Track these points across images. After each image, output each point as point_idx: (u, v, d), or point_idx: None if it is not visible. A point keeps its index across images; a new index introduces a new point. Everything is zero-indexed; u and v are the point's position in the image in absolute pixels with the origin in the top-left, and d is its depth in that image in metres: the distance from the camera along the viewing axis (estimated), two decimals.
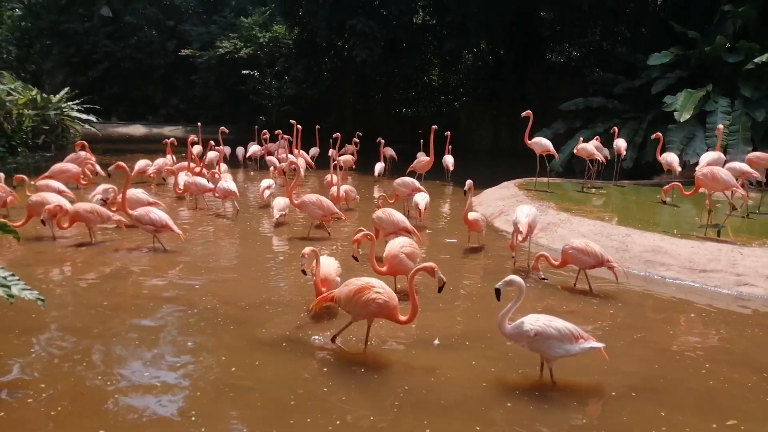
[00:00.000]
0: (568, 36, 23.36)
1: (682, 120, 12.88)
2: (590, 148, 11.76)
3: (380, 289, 4.52)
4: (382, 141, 15.80)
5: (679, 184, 9.21)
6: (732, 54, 13.78)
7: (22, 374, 4.17)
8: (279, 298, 5.87)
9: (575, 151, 12.08)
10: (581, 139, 12.85)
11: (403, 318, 4.55)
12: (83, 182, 11.11)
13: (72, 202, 8.16)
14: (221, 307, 5.53)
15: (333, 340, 4.77)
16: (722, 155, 10.13)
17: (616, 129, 12.80)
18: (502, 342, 5.02)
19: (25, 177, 9.32)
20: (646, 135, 14.06)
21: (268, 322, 5.22)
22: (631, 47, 17.89)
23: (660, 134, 11.33)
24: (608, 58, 19.87)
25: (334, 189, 9.87)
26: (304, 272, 5.18)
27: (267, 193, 10.37)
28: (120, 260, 7.07)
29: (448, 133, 13.27)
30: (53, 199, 7.68)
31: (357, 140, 15.55)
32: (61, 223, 7.55)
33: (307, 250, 5.10)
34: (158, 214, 7.36)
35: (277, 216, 8.94)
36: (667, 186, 9.81)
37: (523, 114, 11.21)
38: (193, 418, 3.67)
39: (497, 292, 4.20)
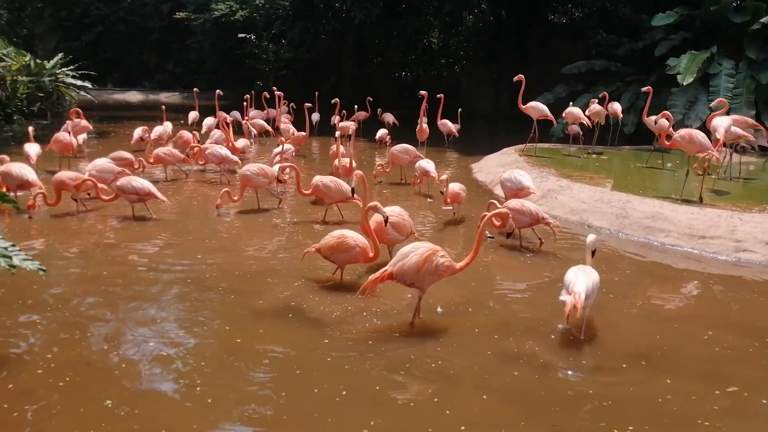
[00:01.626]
0: None
1: (685, 83, 12.68)
2: (577, 112, 11.68)
3: (441, 251, 4.54)
4: (380, 110, 15.62)
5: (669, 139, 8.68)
6: (738, 14, 13.49)
7: (28, 346, 4.18)
8: (278, 267, 5.86)
9: (563, 114, 11.94)
10: (570, 103, 12.67)
11: (460, 265, 4.61)
12: (75, 151, 10.93)
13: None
14: (220, 276, 5.53)
15: (412, 323, 4.62)
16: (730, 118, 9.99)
17: (606, 94, 12.51)
18: (502, 309, 5.08)
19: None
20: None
21: (267, 292, 5.23)
22: (634, 7, 17.44)
23: (650, 88, 10.97)
24: (611, 18, 19.44)
25: (345, 161, 9.23)
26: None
27: (277, 159, 10.12)
28: (111, 230, 7.02)
29: (441, 95, 13.00)
30: (15, 170, 7.42)
31: (357, 108, 15.34)
32: (47, 199, 7.38)
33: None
34: (140, 182, 7.30)
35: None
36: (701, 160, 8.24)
37: (515, 78, 11.01)
38: (198, 389, 3.70)
39: (593, 252, 4.78)
